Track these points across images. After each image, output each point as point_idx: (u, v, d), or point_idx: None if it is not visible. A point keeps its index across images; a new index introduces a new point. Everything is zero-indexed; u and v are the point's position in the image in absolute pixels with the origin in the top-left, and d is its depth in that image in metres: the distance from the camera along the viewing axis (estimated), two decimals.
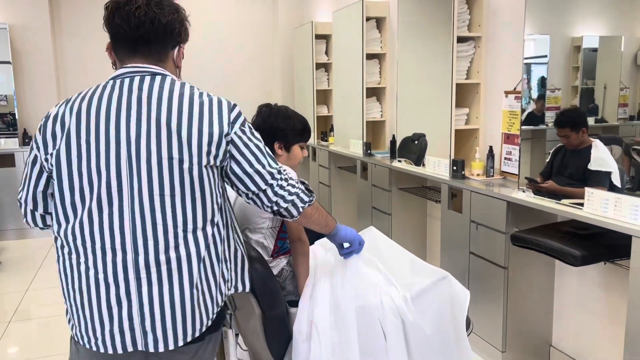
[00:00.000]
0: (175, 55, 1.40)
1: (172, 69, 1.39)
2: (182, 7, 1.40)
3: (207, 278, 1.31)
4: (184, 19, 1.40)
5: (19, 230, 5.38)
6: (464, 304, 1.88)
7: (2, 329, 3.35)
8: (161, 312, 1.25)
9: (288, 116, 1.89)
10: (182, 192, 1.24)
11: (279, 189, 1.35)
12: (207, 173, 1.27)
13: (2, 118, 5.40)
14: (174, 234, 1.24)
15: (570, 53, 2.49)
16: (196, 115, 1.26)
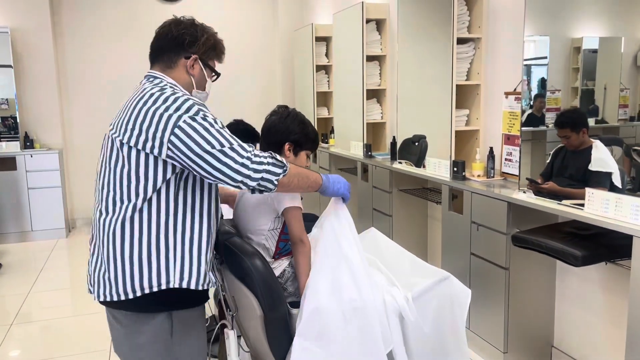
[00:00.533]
0: (188, 64, 1.61)
1: (182, 76, 1.61)
2: (205, 27, 1.68)
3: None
4: (200, 34, 1.63)
5: (20, 233, 5.39)
6: (464, 304, 1.88)
7: (4, 332, 3.35)
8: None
9: (303, 122, 1.95)
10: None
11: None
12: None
13: (3, 121, 5.41)
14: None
15: (570, 54, 2.49)
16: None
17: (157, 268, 1.45)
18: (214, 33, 1.69)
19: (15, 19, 5.40)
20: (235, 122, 2.86)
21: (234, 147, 1.44)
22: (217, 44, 1.68)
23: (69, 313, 3.65)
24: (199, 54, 1.62)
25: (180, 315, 1.51)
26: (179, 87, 1.58)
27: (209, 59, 1.66)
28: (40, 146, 5.51)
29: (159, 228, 1.46)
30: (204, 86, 1.66)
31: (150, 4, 5.92)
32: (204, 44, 1.63)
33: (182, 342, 1.52)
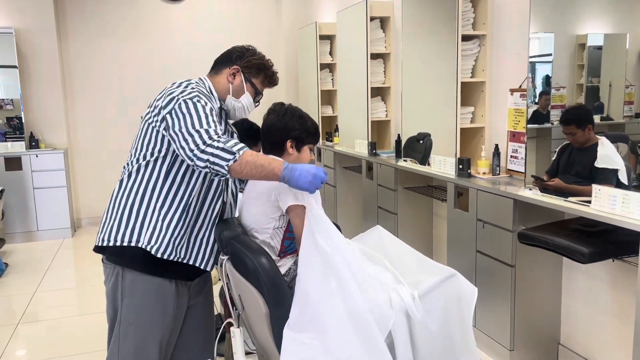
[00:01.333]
0: (229, 72, 1.89)
1: (223, 82, 1.89)
2: (259, 53, 1.96)
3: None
4: (250, 54, 1.92)
5: (26, 233, 5.42)
6: (471, 301, 1.87)
7: (11, 330, 3.37)
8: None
9: (302, 116, 1.93)
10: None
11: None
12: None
13: (8, 122, 5.44)
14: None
15: (575, 51, 2.48)
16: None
17: (132, 226, 1.71)
18: (266, 59, 1.93)
19: (20, 19, 5.42)
20: (240, 121, 2.85)
21: (201, 129, 1.60)
22: (266, 67, 1.91)
23: (75, 312, 3.67)
24: (242, 66, 1.88)
25: (131, 276, 1.74)
26: (207, 85, 1.86)
27: (252, 76, 1.90)
28: (46, 146, 5.53)
29: (144, 193, 1.73)
30: (239, 96, 1.88)
31: (154, 4, 5.93)
32: (250, 61, 1.89)
33: (125, 302, 1.74)
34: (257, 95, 1.93)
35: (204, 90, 1.79)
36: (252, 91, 1.91)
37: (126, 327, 1.75)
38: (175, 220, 1.74)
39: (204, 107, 1.66)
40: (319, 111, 5.31)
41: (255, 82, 1.91)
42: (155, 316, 1.77)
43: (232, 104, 1.89)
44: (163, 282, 1.77)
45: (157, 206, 1.73)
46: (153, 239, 1.72)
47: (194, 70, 6.04)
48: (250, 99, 1.91)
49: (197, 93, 1.71)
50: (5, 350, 3.10)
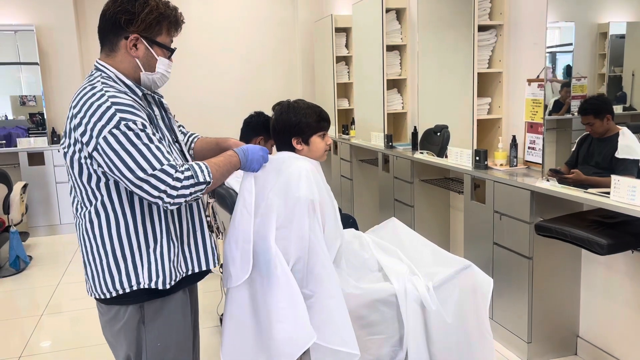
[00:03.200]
0: (128, 46, 1.47)
1: (126, 59, 1.49)
2: (146, 2, 1.47)
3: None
4: (139, 9, 1.45)
5: (49, 226, 5.53)
6: (487, 292, 1.87)
7: (35, 322, 3.45)
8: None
9: (300, 109, 1.85)
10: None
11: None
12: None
13: (31, 118, 5.55)
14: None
15: (597, 40, 2.44)
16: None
17: (126, 271, 1.48)
18: (162, 2, 1.50)
19: (41, 16, 5.51)
20: (256, 114, 2.87)
21: (163, 169, 1.37)
22: (164, 15, 1.49)
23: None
24: (139, 32, 1.47)
25: (153, 305, 1.55)
26: (114, 77, 1.49)
27: (156, 35, 1.49)
28: None
29: (119, 236, 1.47)
30: (153, 67, 1.52)
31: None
32: (144, 20, 1.46)
33: (154, 329, 1.57)
34: (169, 52, 1.55)
35: (121, 100, 1.41)
36: (162, 52, 1.52)
37: (157, 351, 1.58)
38: (164, 246, 1.51)
39: (139, 136, 1.37)
40: (335, 104, 5.31)
41: (161, 40, 1.51)
42: (183, 331, 1.64)
43: (149, 79, 1.53)
44: (181, 296, 1.63)
45: (141, 242, 1.49)
46: (153, 275, 1.50)
47: (211, 62, 6.13)
48: (165, 62, 1.53)
49: (117, 112, 1.37)
50: (30, 341, 3.19)
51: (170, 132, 1.61)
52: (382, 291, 1.85)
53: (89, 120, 1.38)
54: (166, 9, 1.50)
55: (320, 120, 1.87)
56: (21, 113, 5.57)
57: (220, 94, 6.24)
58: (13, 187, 4.45)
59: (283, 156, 1.84)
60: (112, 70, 1.49)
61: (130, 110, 1.39)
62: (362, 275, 1.93)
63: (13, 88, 5.58)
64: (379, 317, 1.84)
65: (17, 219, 4.40)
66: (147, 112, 1.48)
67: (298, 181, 1.72)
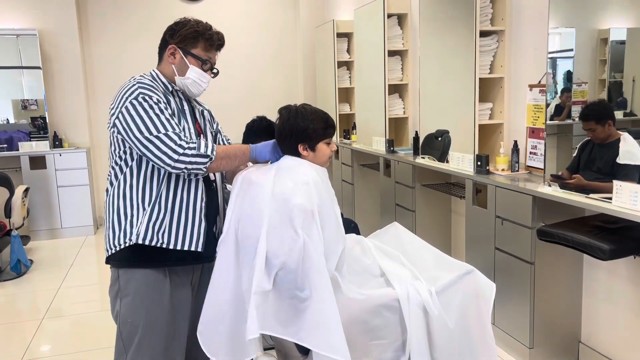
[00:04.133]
0: (167, 54, 1.83)
1: (167, 65, 1.85)
2: (190, 20, 1.85)
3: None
4: (180, 27, 1.83)
5: (51, 230, 5.53)
6: (489, 297, 1.87)
7: (36, 326, 3.45)
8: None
9: (308, 115, 1.83)
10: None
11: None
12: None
13: (33, 122, 5.56)
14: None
15: (597, 46, 2.45)
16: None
17: (123, 228, 1.73)
18: (201, 24, 1.84)
19: (44, 21, 5.53)
20: (258, 119, 2.88)
21: (168, 134, 1.65)
22: (200, 32, 1.82)
23: (97, 308, 3.74)
24: (176, 43, 1.81)
25: (126, 275, 1.77)
26: (154, 75, 1.82)
27: (191, 47, 1.82)
28: (69, 145, 5.64)
29: (124, 196, 1.74)
30: (184, 72, 1.81)
31: (174, 4, 6.00)
32: (182, 34, 1.81)
33: (126, 303, 1.76)
34: (204, 64, 1.84)
35: (146, 82, 1.75)
36: (196, 62, 1.82)
37: (128, 327, 1.75)
38: (150, 207, 1.73)
39: (152, 107, 1.68)
40: (337, 109, 5.32)
41: (195, 52, 1.83)
42: (153, 312, 1.75)
43: (182, 83, 1.83)
44: (156, 276, 1.76)
45: (139, 203, 1.74)
46: (140, 232, 1.72)
47: None
48: (197, 70, 1.82)
49: (139, 88, 1.70)
50: (31, 345, 3.18)
51: (194, 125, 1.87)
52: (384, 296, 1.85)
53: (117, 94, 1.74)
54: (203, 28, 1.83)
55: (328, 127, 1.86)
56: (23, 117, 5.58)
57: (222, 98, 6.24)
58: (15, 191, 4.46)
59: (288, 163, 1.83)
60: (155, 71, 1.85)
61: (150, 89, 1.72)
62: (364, 280, 1.93)
63: (15, 92, 5.60)
64: (382, 322, 1.84)
65: (18, 222, 4.40)
66: (172, 102, 1.79)
67: (298, 189, 1.71)
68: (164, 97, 1.75)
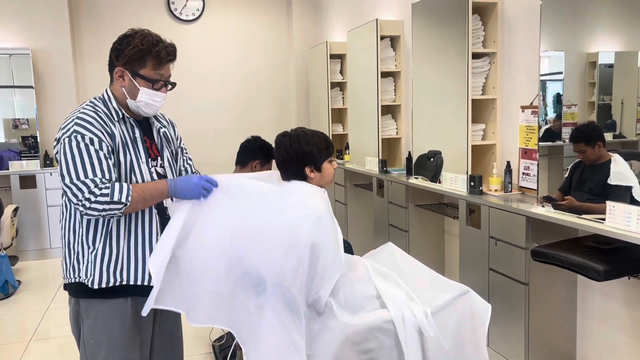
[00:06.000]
0: (115, 77, 1.75)
1: (117, 88, 1.77)
2: (136, 36, 1.71)
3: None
4: (125, 46, 1.70)
5: (39, 250, 5.45)
6: (485, 318, 1.85)
7: (22, 348, 3.37)
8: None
9: (309, 137, 1.88)
10: None
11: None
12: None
13: (24, 141, 5.52)
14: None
15: (586, 69, 2.49)
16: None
17: (71, 263, 1.74)
18: (144, 39, 1.69)
19: (37, 40, 5.53)
20: (253, 139, 2.89)
21: (85, 181, 1.59)
22: (145, 51, 1.69)
23: None
24: (122, 64, 1.71)
25: (87, 303, 1.76)
26: (106, 98, 1.76)
27: (139, 68, 1.71)
28: None
29: (70, 229, 1.73)
30: (135, 96, 1.73)
31: (168, 25, 6.03)
32: (126, 55, 1.69)
33: (88, 325, 1.76)
34: (155, 84, 1.73)
35: (87, 116, 1.67)
36: (146, 84, 1.72)
37: (90, 348, 1.76)
38: (100, 250, 1.70)
39: (81, 149, 1.61)
40: (330, 129, 5.34)
41: (144, 73, 1.71)
42: (114, 335, 1.75)
43: (134, 105, 1.75)
44: (116, 301, 1.75)
45: (84, 241, 1.71)
46: (89, 274, 1.71)
47: (207, 87, 6.18)
48: (149, 92, 1.72)
49: (75, 125, 1.64)
50: None
51: (148, 150, 1.81)
52: (379, 319, 1.83)
53: (60, 129, 1.69)
54: (149, 45, 1.69)
55: (329, 146, 1.91)
56: (13, 136, 5.55)
57: (216, 118, 6.27)
58: (4, 210, 4.40)
59: (297, 189, 1.85)
60: (108, 94, 1.77)
61: (86, 126, 1.64)
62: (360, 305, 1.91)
63: (6, 111, 5.57)
64: (377, 345, 1.81)
65: (7, 242, 4.34)
66: (119, 132, 1.72)
67: (302, 222, 1.73)
68: (106, 130, 1.67)
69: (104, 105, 1.75)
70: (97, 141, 1.64)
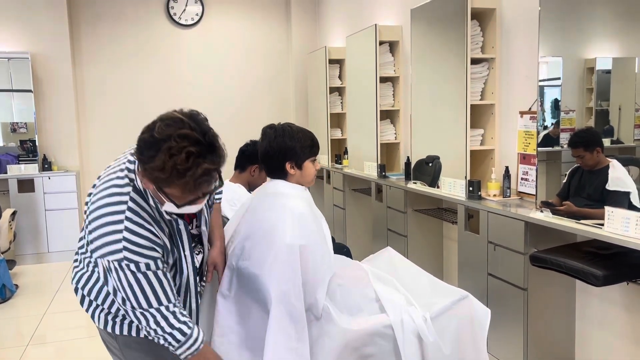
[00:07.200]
0: (138, 176, 1.42)
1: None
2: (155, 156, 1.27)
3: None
4: (146, 159, 1.31)
5: (37, 254, 5.44)
6: (484, 323, 1.85)
7: (19, 353, 3.36)
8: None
9: (294, 133, 1.86)
10: None
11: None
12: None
13: (22, 145, 5.52)
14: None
15: (584, 75, 2.50)
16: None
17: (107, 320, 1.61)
18: (171, 163, 1.24)
19: (36, 44, 5.54)
20: (252, 143, 2.90)
21: (161, 306, 1.42)
22: (170, 180, 1.27)
23: (84, 334, 3.65)
24: (147, 176, 1.30)
25: (123, 339, 1.62)
26: (143, 191, 1.42)
27: (164, 187, 1.30)
28: (58, 168, 5.60)
29: (89, 284, 1.59)
30: (162, 204, 1.39)
31: (167, 29, 6.04)
32: (156, 169, 1.26)
33: (127, 352, 1.63)
34: (182, 207, 1.36)
35: (136, 235, 1.37)
36: (169, 201, 1.34)
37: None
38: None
39: (145, 275, 1.38)
40: (329, 134, 5.35)
41: (169, 192, 1.31)
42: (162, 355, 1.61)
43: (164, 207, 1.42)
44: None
45: (98, 302, 1.59)
46: (130, 330, 1.61)
47: (206, 95, 6.19)
48: (173, 207, 1.36)
49: (125, 251, 1.36)
50: None
51: (188, 236, 1.56)
52: (378, 324, 1.83)
53: (99, 238, 1.38)
54: (177, 174, 1.26)
55: (314, 145, 1.89)
56: (11, 140, 5.54)
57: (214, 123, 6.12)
58: (1, 214, 4.39)
59: (275, 192, 1.85)
60: (140, 186, 1.42)
61: (138, 250, 1.38)
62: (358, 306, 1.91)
63: (4, 115, 5.56)
64: (376, 350, 1.81)
65: (4, 246, 4.32)
66: (163, 234, 1.46)
67: (283, 225, 1.72)
68: (156, 243, 1.42)
69: (143, 199, 1.42)
70: (152, 264, 1.40)
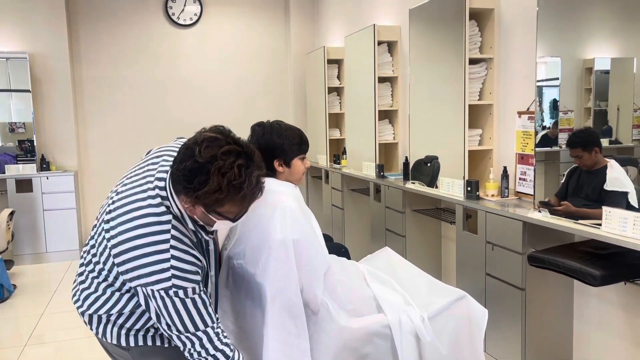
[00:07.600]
0: (184, 201, 1.36)
1: (186, 207, 1.39)
2: (227, 167, 1.28)
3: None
4: (197, 185, 1.30)
5: (35, 254, 5.43)
6: (482, 323, 1.86)
7: (17, 353, 3.35)
8: None
9: (283, 131, 1.86)
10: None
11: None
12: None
13: (20, 144, 5.51)
14: None
15: (582, 75, 2.50)
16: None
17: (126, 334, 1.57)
18: (226, 181, 1.26)
19: (34, 44, 5.53)
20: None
21: (207, 328, 1.40)
22: (227, 199, 1.29)
23: (82, 335, 3.65)
24: (200, 202, 1.30)
25: (138, 349, 1.58)
26: (179, 217, 1.40)
27: (217, 207, 1.31)
28: (56, 168, 5.59)
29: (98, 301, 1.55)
30: (211, 224, 1.39)
31: (166, 29, 6.04)
32: (211, 192, 1.27)
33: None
34: (235, 218, 1.38)
35: (184, 263, 1.36)
36: (223, 219, 1.36)
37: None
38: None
39: (193, 301, 1.37)
40: (327, 134, 5.35)
41: (223, 211, 1.33)
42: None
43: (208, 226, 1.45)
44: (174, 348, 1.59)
45: (109, 316, 1.56)
46: (137, 341, 1.57)
47: (204, 94, 6.18)
48: (226, 223, 1.39)
49: (174, 279, 1.34)
50: None
51: (216, 256, 1.63)
52: (376, 323, 1.83)
53: (141, 268, 1.35)
54: (233, 191, 1.28)
55: (302, 143, 1.88)
56: (10, 140, 5.53)
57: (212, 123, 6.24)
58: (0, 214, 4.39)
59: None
60: (181, 211, 1.39)
61: (186, 277, 1.36)
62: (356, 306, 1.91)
63: (2, 114, 5.55)
64: (373, 350, 1.82)
65: (2, 246, 4.32)
66: (200, 250, 1.47)
67: (274, 221, 1.72)
68: (200, 267, 1.41)
69: (182, 224, 1.40)
70: (197, 288, 1.39)
